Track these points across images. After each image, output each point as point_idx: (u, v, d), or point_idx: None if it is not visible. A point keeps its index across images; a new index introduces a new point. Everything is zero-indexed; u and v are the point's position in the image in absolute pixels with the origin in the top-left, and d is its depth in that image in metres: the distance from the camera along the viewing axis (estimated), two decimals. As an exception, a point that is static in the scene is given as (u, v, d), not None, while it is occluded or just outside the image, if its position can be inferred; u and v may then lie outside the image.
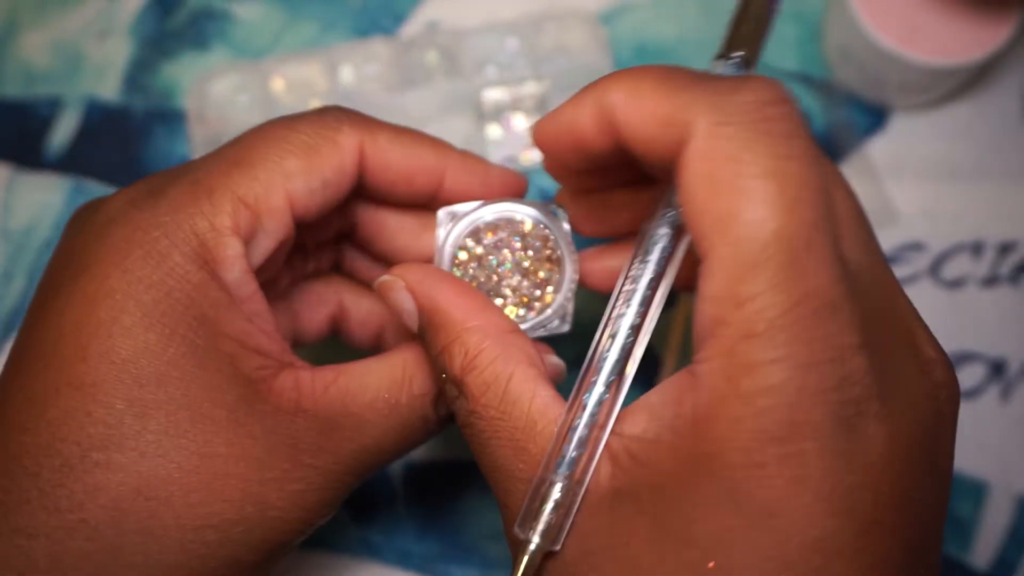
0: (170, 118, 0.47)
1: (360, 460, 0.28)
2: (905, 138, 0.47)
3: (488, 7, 0.48)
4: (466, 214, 0.32)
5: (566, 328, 0.32)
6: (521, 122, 0.46)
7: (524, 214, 0.32)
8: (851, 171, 0.47)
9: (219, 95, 0.46)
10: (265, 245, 0.28)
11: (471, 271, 0.32)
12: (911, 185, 0.47)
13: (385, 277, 0.29)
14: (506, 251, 0.32)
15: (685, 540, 0.22)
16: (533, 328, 0.32)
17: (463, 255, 0.32)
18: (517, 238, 0.32)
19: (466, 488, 0.42)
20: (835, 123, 0.47)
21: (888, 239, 0.46)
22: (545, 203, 0.33)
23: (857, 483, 0.21)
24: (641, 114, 0.24)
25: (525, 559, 0.24)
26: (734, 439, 0.21)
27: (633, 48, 0.48)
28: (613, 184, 0.31)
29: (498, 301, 0.32)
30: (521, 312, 0.32)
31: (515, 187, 0.33)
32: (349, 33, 0.48)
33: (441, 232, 0.32)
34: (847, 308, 0.21)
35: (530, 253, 0.32)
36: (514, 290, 0.32)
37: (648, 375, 0.42)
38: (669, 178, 0.24)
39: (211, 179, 0.27)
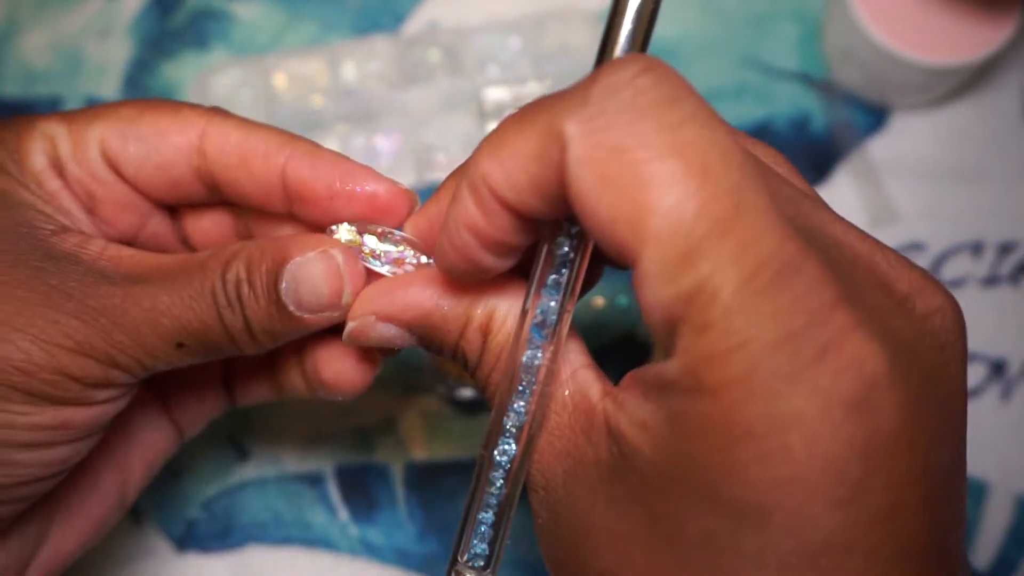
0: (170, 117, 0.47)
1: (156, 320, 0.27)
2: (905, 138, 0.47)
3: (490, 6, 0.48)
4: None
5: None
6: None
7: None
8: (851, 171, 0.47)
9: (221, 91, 0.46)
10: (80, 178, 0.29)
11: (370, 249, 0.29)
12: (911, 185, 0.47)
13: (351, 325, 0.26)
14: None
15: (677, 538, 0.20)
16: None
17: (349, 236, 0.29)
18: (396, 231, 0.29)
19: (466, 488, 0.42)
20: (835, 123, 0.47)
21: (888, 239, 0.46)
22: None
23: (867, 469, 0.18)
24: (514, 168, 0.20)
25: None
26: (708, 438, 0.19)
27: (633, 48, 0.48)
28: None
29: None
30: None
31: (391, 204, 0.28)
32: (349, 33, 0.48)
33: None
34: (810, 262, 0.18)
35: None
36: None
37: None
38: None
39: (36, 118, 0.29)
